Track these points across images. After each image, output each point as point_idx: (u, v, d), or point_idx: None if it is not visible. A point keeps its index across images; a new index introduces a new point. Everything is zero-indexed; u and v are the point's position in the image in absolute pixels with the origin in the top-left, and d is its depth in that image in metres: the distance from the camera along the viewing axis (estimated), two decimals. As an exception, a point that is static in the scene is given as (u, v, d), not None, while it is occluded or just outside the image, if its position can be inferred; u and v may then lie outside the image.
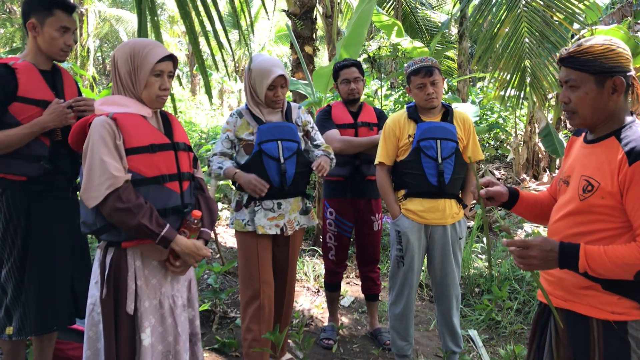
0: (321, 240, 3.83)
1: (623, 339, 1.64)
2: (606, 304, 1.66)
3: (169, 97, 2.36)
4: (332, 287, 3.72)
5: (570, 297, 1.74)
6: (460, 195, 3.15)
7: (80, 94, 2.78)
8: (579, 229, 1.70)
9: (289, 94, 7.20)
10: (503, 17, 4.53)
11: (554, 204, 1.91)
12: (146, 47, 2.11)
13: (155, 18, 3.29)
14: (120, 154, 1.99)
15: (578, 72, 1.68)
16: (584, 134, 1.84)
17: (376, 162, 3.16)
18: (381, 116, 3.65)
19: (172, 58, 2.17)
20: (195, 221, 2.14)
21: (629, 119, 1.70)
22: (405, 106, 3.23)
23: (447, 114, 3.14)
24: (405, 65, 3.21)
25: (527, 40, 4.49)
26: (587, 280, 1.68)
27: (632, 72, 1.69)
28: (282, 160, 2.85)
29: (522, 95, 4.90)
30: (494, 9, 4.60)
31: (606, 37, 1.70)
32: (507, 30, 4.58)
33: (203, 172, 2.71)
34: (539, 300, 1.90)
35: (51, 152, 2.51)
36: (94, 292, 2.07)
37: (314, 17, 6.61)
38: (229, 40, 3.44)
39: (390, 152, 3.11)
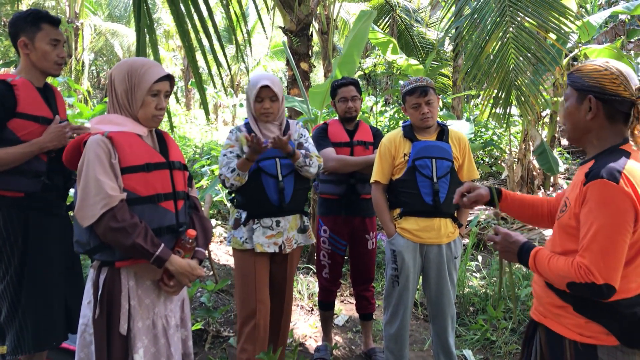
0: (315, 258, 3.81)
1: None
2: (576, 325, 1.70)
3: (165, 114, 2.36)
4: (326, 306, 3.69)
5: (548, 314, 1.79)
6: (455, 215, 3.14)
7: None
8: (557, 249, 1.76)
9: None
10: (490, 33, 4.54)
11: (548, 211, 2.08)
12: (143, 66, 2.11)
13: (154, 35, 3.31)
14: (115, 173, 1.98)
15: (569, 87, 1.80)
16: None
17: (372, 180, 3.16)
18: (377, 135, 3.65)
19: (169, 78, 2.17)
20: (190, 240, 2.13)
21: (615, 143, 1.71)
22: (400, 125, 3.23)
23: (443, 133, 3.14)
24: (401, 85, 3.22)
25: (513, 58, 4.51)
26: (560, 300, 1.74)
27: (629, 99, 1.68)
28: (280, 178, 2.84)
29: (508, 112, 4.92)
30: (484, 23, 4.62)
31: (609, 60, 1.73)
32: (494, 46, 4.60)
33: (197, 187, 2.69)
34: (530, 317, 1.93)
35: (48, 168, 2.52)
36: (87, 312, 2.05)
37: (310, 34, 6.64)
38: (225, 56, 3.44)
39: (385, 170, 3.11)
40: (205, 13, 3.30)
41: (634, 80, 1.71)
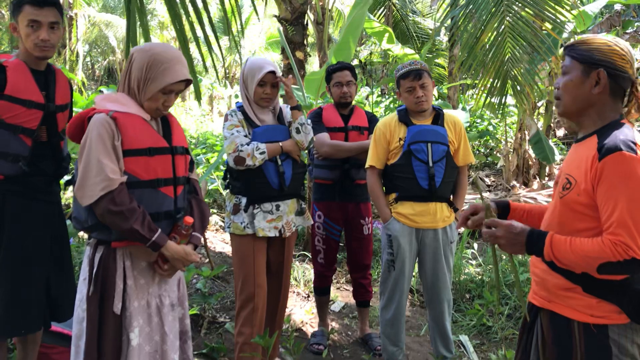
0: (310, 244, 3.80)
1: (604, 343, 1.63)
2: (586, 306, 1.66)
3: None
4: (321, 291, 3.69)
5: (553, 298, 1.74)
6: (451, 199, 3.14)
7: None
8: (562, 229, 1.70)
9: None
10: (486, 23, 4.53)
11: None
12: (167, 62, 2.06)
13: (145, 20, 3.28)
14: (117, 155, 1.98)
15: (571, 59, 1.74)
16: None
17: (367, 165, 3.15)
18: (372, 120, 3.63)
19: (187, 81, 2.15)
20: (187, 227, 2.13)
21: (615, 119, 1.70)
22: (396, 110, 3.23)
23: (438, 117, 3.13)
24: (395, 69, 3.20)
25: (510, 47, 4.49)
26: (568, 282, 1.69)
27: (632, 78, 1.69)
28: (279, 162, 2.84)
29: (504, 101, 4.91)
30: (479, 13, 4.60)
31: (616, 38, 1.73)
32: (489, 36, 4.58)
33: (197, 175, 2.66)
34: (528, 301, 1.89)
35: (32, 153, 2.46)
36: (82, 289, 2.06)
37: (305, 22, 6.59)
38: (219, 45, 3.42)
39: (381, 155, 3.10)
40: (199, 4, 3.28)
41: (635, 60, 1.71)
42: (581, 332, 1.66)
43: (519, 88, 4.64)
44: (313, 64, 18.76)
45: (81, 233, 4.60)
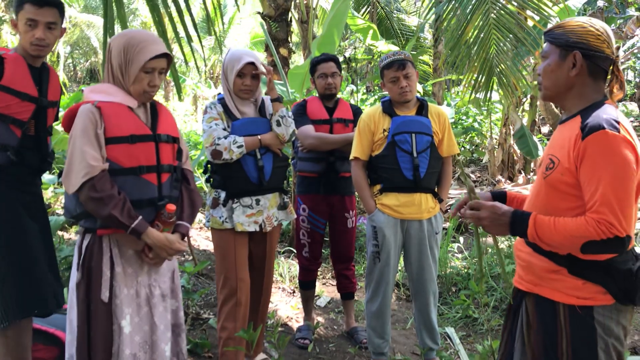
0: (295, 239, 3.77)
1: (589, 325, 1.63)
2: (572, 288, 1.65)
3: None
4: (306, 285, 3.66)
5: (539, 281, 1.73)
6: (436, 190, 3.12)
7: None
8: (545, 209, 1.69)
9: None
10: (470, 15, 4.52)
11: None
12: (141, 42, 2.11)
13: (122, 11, 3.23)
14: (100, 143, 2.03)
15: (549, 44, 1.75)
16: None
17: (351, 157, 3.12)
18: (357, 112, 3.60)
19: (165, 55, 2.17)
20: (169, 215, 2.11)
21: (598, 99, 1.70)
22: (380, 101, 3.20)
23: (422, 107, 3.11)
24: (379, 59, 3.19)
25: (494, 40, 4.49)
26: (554, 265, 1.68)
27: (611, 57, 1.68)
28: (258, 156, 2.80)
29: (489, 97, 4.91)
30: (464, 6, 4.59)
31: (592, 19, 1.72)
32: (473, 31, 4.58)
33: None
34: (514, 286, 1.88)
35: (20, 144, 2.48)
36: (74, 276, 2.09)
37: (289, 19, 6.57)
38: (201, 42, 3.37)
39: (365, 147, 3.08)
40: (182, 4, 3.24)
41: (613, 39, 1.71)
42: (566, 314, 1.66)
43: (505, 80, 4.64)
44: (298, 63, 18.77)
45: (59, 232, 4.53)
